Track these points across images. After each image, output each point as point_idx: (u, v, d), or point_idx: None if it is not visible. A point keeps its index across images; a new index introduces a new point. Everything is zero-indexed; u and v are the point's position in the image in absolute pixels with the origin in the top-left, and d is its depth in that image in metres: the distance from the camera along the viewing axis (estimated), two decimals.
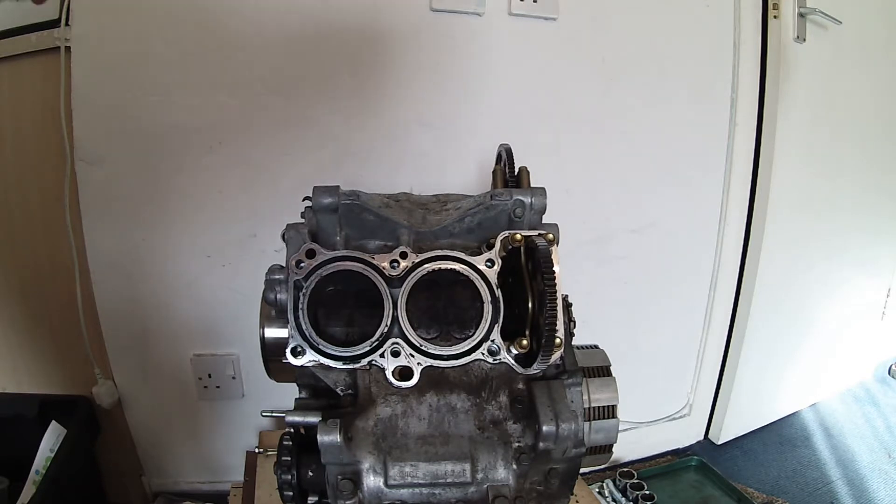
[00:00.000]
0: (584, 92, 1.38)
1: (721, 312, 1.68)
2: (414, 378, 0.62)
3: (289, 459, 0.62)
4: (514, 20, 1.29)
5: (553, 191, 0.70)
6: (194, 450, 1.45)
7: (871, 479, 1.63)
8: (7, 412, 1.28)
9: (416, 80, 1.27)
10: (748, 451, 1.77)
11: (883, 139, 1.81)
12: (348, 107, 1.26)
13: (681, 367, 1.73)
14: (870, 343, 2.14)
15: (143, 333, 1.32)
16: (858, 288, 1.99)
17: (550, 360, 0.61)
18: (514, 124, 1.35)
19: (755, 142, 1.56)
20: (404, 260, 0.63)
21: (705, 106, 1.50)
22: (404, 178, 1.31)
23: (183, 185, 1.24)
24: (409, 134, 1.30)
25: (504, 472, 0.61)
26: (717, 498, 1.52)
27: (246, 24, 1.18)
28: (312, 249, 0.63)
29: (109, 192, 1.21)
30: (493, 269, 0.65)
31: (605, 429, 0.66)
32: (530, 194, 0.69)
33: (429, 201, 0.73)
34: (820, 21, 1.49)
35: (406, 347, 0.63)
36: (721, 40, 1.46)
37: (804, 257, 1.74)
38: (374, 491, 0.59)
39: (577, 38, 1.34)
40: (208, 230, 1.28)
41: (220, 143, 1.22)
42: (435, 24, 1.25)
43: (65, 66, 1.13)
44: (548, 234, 0.64)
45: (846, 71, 1.63)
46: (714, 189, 1.57)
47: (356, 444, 0.59)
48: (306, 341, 0.62)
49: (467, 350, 0.63)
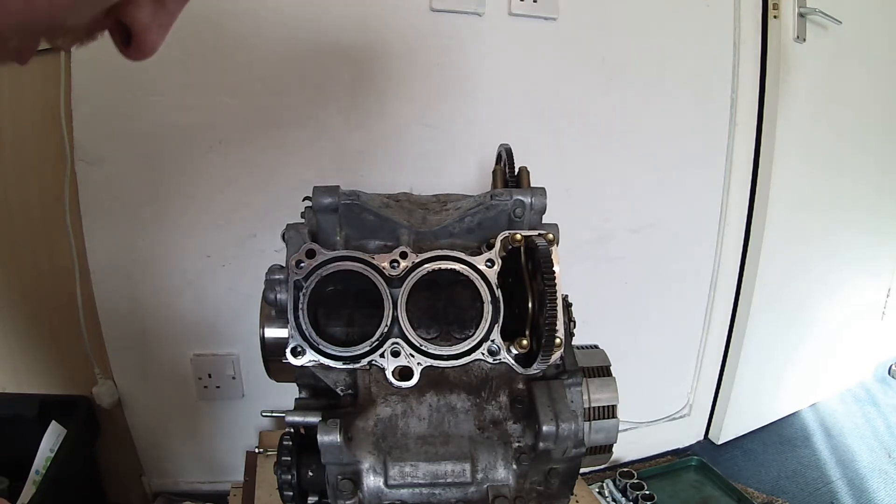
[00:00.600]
0: (584, 92, 1.38)
1: (721, 312, 1.68)
2: (414, 378, 0.62)
3: (289, 459, 0.62)
4: (514, 20, 1.29)
5: (553, 191, 0.70)
6: (194, 450, 1.45)
7: (871, 479, 1.63)
8: (7, 412, 1.27)
9: (416, 80, 1.27)
10: (748, 451, 1.77)
11: (883, 139, 1.81)
12: (348, 107, 1.26)
13: (681, 367, 1.73)
14: (870, 343, 2.14)
15: (143, 333, 1.32)
16: (858, 288, 1.99)
17: (550, 360, 0.61)
18: (514, 124, 1.35)
19: (755, 142, 1.56)
20: (404, 260, 0.63)
21: (705, 106, 1.50)
22: (404, 178, 1.31)
23: (183, 185, 1.24)
24: (409, 134, 1.30)
25: (504, 472, 0.61)
26: (717, 498, 1.52)
27: (246, 25, 1.18)
28: (312, 249, 0.63)
29: (109, 192, 1.21)
30: (493, 269, 0.65)
31: (605, 429, 0.66)
32: (530, 194, 0.69)
33: (429, 201, 0.73)
34: (820, 21, 1.49)
35: (406, 347, 0.63)
36: (721, 40, 1.46)
37: (804, 257, 1.74)
38: (374, 491, 0.59)
39: (577, 38, 1.34)
40: (208, 230, 1.28)
41: (220, 143, 1.22)
42: (435, 24, 1.25)
43: (65, 67, 1.13)
44: (548, 234, 0.64)
45: (846, 71, 1.63)
46: (714, 189, 1.57)
47: (356, 444, 0.59)
48: (306, 341, 0.62)
49: (467, 350, 0.63)
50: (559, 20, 1.31)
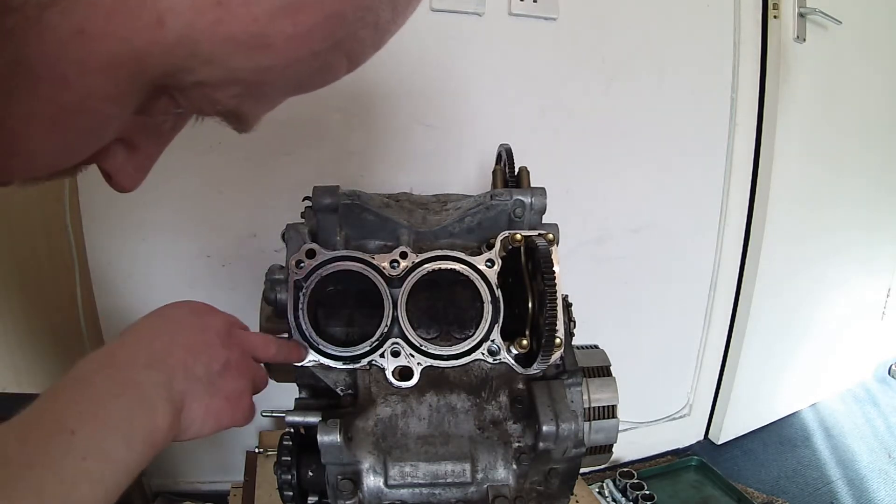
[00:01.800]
0: (584, 92, 1.38)
1: (721, 312, 1.68)
2: (414, 378, 0.62)
3: (289, 459, 0.62)
4: (514, 20, 1.29)
5: (553, 191, 0.70)
6: (194, 450, 1.45)
7: (871, 479, 1.63)
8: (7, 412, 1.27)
9: (416, 80, 1.27)
10: (748, 451, 1.77)
11: (883, 139, 1.81)
12: (348, 106, 1.26)
13: (681, 367, 1.73)
14: (870, 343, 2.14)
15: None
16: (858, 288, 1.99)
17: (550, 360, 0.60)
18: (514, 124, 1.35)
19: (755, 142, 1.56)
20: (404, 260, 0.63)
21: (705, 106, 1.50)
22: (404, 178, 1.31)
23: (183, 185, 1.24)
24: (409, 134, 1.30)
25: (504, 472, 0.61)
26: (717, 498, 1.52)
27: None
28: (312, 249, 0.63)
29: (109, 193, 1.20)
30: (493, 269, 0.64)
31: (605, 429, 0.66)
32: (530, 194, 0.68)
33: (429, 201, 0.73)
34: (820, 21, 1.49)
35: (406, 347, 0.63)
36: (721, 40, 1.46)
37: (804, 257, 1.74)
38: (374, 491, 0.59)
39: (577, 38, 1.34)
40: (208, 230, 1.28)
41: (220, 143, 1.22)
42: (435, 24, 1.25)
43: None
44: (548, 234, 0.64)
45: (846, 71, 1.63)
46: (714, 189, 1.57)
47: (356, 444, 0.59)
48: (306, 341, 0.62)
49: (467, 350, 0.63)
50: (559, 20, 1.31)
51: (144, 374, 0.44)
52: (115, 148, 0.36)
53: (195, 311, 0.54)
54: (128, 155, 0.37)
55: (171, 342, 0.48)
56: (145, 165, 0.40)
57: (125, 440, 0.40)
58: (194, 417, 0.48)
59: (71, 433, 0.37)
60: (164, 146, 0.40)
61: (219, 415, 0.50)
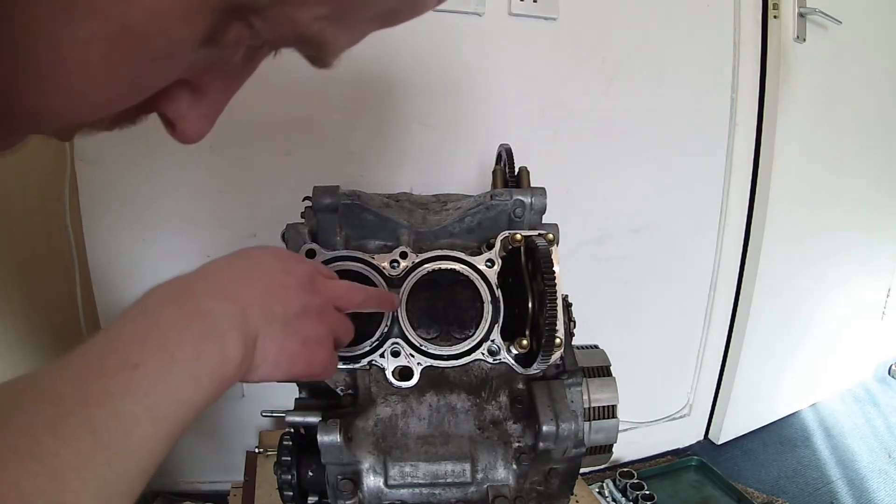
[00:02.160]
0: (584, 92, 1.38)
1: (721, 312, 1.68)
2: (414, 378, 0.62)
3: (289, 459, 0.62)
4: (514, 20, 1.29)
5: (553, 191, 0.70)
6: (194, 450, 1.45)
7: (871, 479, 1.63)
8: None
9: (416, 80, 1.27)
10: (748, 451, 1.77)
11: (883, 139, 1.81)
12: (348, 106, 1.26)
13: (681, 367, 1.73)
14: (870, 343, 2.14)
15: None
16: (858, 288, 1.99)
17: (550, 360, 0.61)
18: (514, 124, 1.35)
19: (755, 142, 1.56)
20: (404, 260, 0.64)
21: (705, 106, 1.50)
22: (404, 178, 1.31)
23: (183, 185, 1.24)
24: (409, 134, 1.30)
25: (504, 472, 0.61)
26: (717, 498, 1.52)
27: None
28: (312, 249, 0.64)
29: (109, 192, 1.21)
30: (493, 269, 0.65)
31: (605, 429, 0.66)
32: (530, 194, 0.69)
33: (429, 201, 0.73)
34: (820, 21, 1.49)
35: (406, 347, 0.63)
36: (721, 40, 1.46)
37: (804, 257, 1.74)
38: (374, 491, 0.59)
39: (577, 38, 1.34)
40: (208, 230, 1.27)
41: (220, 143, 1.22)
42: (435, 24, 1.25)
43: None
44: (548, 234, 0.64)
45: (846, 71, 1.63)
46: (714, 189, 1.57)
47: (356, 444, 0.59)
48: None
49: (467, 350, 0.63)
50: (559, 20, 1.31)
51: (217, 305, 0.40)
52: (179, 91, 0.33)
53: (278, 255, 0.50)
54: (193, 100, 0.34)
55: (248, 278, 0.45)
56: (212, 112, 0.36)
57: (193, 374, 0.37)
58: (266, 355, 0.43)
59: (134, 367, 0.34)
60: (233, 92, 0.37)
61: (293, 359, 0.45)
